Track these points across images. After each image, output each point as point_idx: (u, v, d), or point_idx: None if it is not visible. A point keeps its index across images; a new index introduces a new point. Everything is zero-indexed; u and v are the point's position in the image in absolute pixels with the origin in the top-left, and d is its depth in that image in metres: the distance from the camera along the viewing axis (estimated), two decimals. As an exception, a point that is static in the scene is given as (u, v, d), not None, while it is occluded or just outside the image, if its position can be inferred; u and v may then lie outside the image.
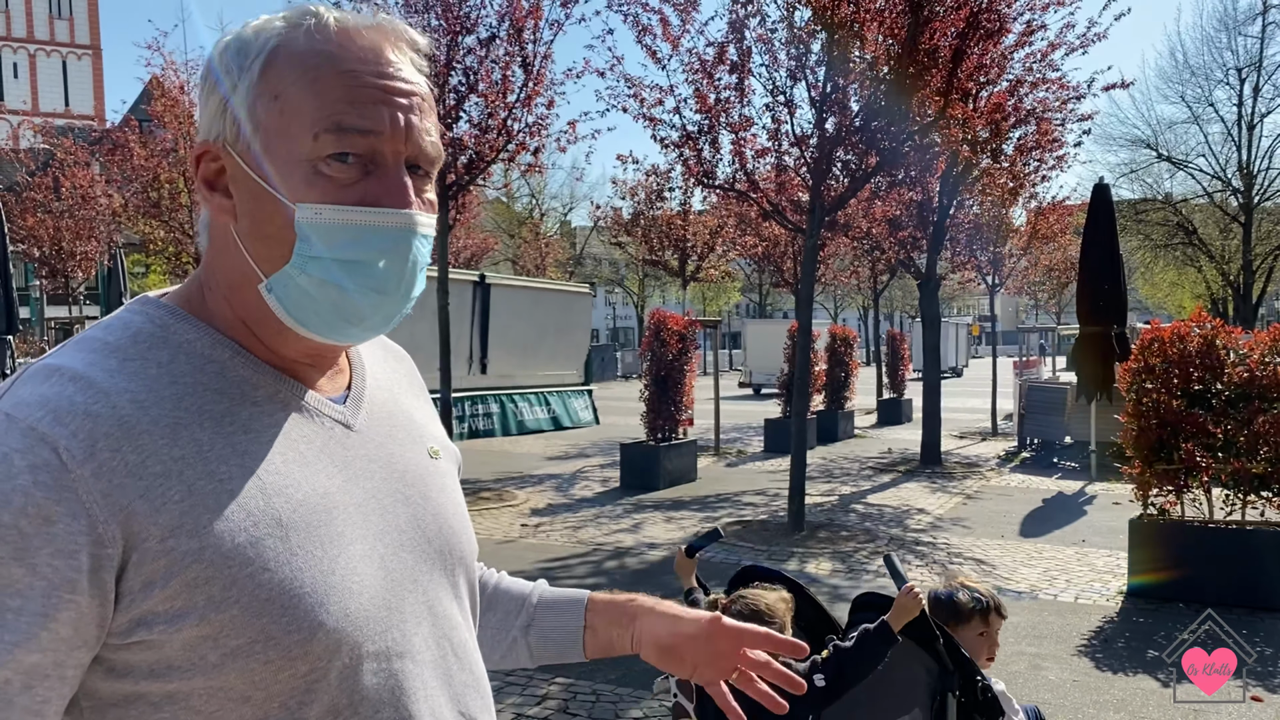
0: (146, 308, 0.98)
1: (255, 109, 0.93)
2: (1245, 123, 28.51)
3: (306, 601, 0.90)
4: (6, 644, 0.80)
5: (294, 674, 0.90)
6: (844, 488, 12.08)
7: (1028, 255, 18.17)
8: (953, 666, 2.63)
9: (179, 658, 0.86)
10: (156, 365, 0.92)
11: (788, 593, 2.74)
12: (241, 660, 0.87)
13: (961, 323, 53.19)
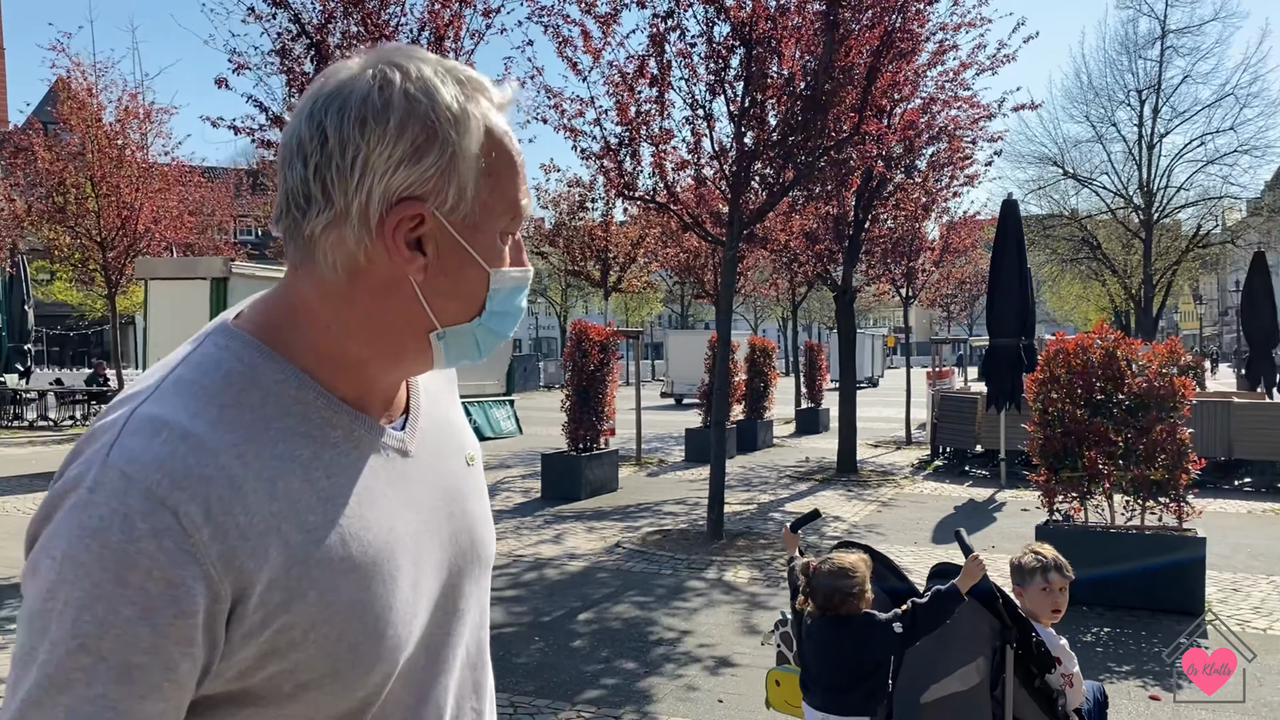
0: (232, 344, 1.01)
1: (478, 185, 0.99)
2: (1145, 142, 29.68)
3: (371, 640, 0.98)
4: (136, 696, 0.85)
5: (352, 700, 0.98)
6: (763, 496, 12.23)
7: (940, 268, 18.62)
8: (1010, 623, 3.09)
9: (258, 689, 0.93)
10: (250, 410, 0.96)
11: (866, 554, 3.32)
12: (312, 692, 0.95)
13: (877, 334, 54.22)
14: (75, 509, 0.86)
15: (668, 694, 5.23)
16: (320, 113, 0.95)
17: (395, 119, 0.94)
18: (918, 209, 13.81)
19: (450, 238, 0.99)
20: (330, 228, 0.96)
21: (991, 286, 12.99)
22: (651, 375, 53.02)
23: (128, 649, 0.85)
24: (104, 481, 0.87)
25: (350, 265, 0.98)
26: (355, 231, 0.96)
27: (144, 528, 0.85)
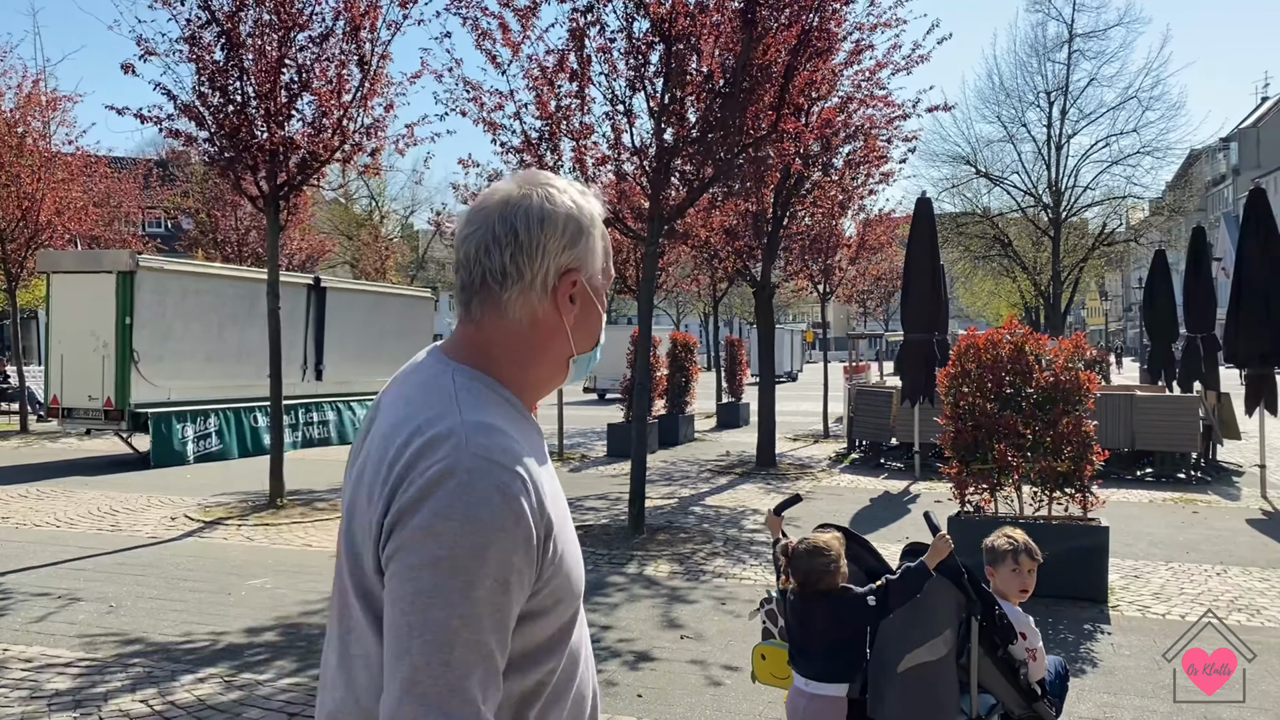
0: (459, 373, 1.43)
1: (603, 261, 1.50)
2: (1054, 143, 30.56)
3: (577, 575, 1.44)
4: (514, 605, 1.29)
5: (573, 611, 1.44)
6: (683, 490, 12.30)
7: (857, 265, 18.93)
8: (975, 597, 3.37)
9: (535, 606, 1.34)
10: (506, 418, 1.40)
11: (840, 534, 3.61)
12: (559, 607, 1.39)
13: (796, 329, 54.99)
14: (461, 488, 1.25)
15: (587, 690, 5.22)
16: (510, 218, 1.41)
17: (560, 220, 1.43)
18: (834, 206, 14.00)
19: (587, 295, 1.48)
20: (523, 293, 1.42)
21: (906, 282, 13.24)
22: (574, 370, 52.87)
23: (514, 573, 1.27)
24: (475, 467, 1.27)
25: (531, 317, 1.44)
26: (538, 294, 1.43)
27: (514, 490, 1.28)
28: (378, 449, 1.37)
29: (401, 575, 1.24)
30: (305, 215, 22.77)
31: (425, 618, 1.22)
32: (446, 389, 1.38)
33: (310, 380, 17.48)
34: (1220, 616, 6.57)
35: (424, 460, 1.28)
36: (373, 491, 1.33)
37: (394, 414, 1.39)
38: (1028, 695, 3.51)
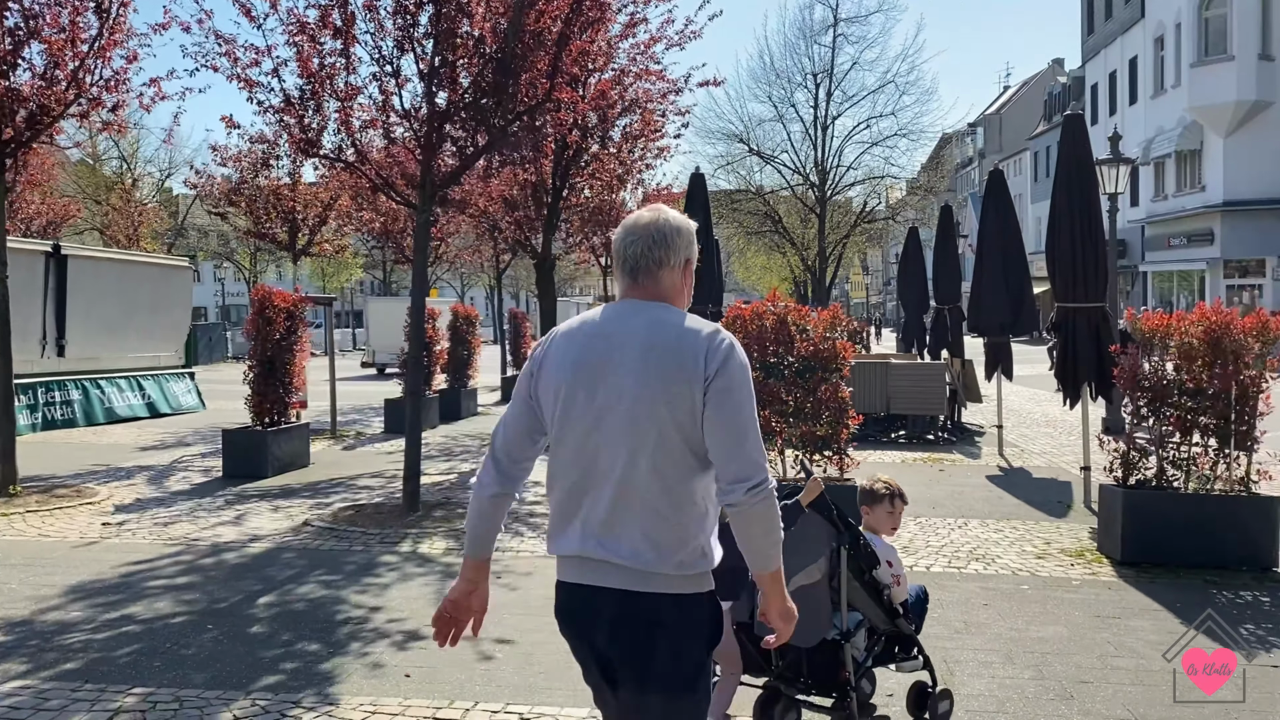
0: (667, 308, 2.45)
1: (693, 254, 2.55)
2: (820, 124, 32.07)
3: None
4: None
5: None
6: (464, 465, 12.11)
7: (637, 237, 19.18)
8: (844, 529, 3.89)
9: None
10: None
11: None
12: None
13: (583, 302, 55.30)
14: (737, 346, 2.37)
15: (353, 673, 5.03)
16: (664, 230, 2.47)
17: (686, 232, 2.50)
18: (613, 179, 14.09)
19: (690, 272, 2.51)
20: (670, 269, 2.47)
21: (682, 255, 13.51)
22: (353, 344, 51.20)
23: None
24: (734, 342, 2.38)
25: (671, 284, 2.48)
26: (678, 270, 2.49)
27: (742, 352, 2.36)
28: (661, 354, 2.34)
29: (729, 400, 2.31)
30: (44, 176, 20.74)
31: (748, 416, 2.34)
32: (686, 317, 2.44)
33: (50, 356, 16.01)
34: (960, 565, 7.10)
35: (719, 347, 2.35)
36: (676, 373, 2.32)
37: (654, 338, 2.37)
38: (890, 613, 4.15)
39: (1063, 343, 9.76)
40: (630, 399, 2.32)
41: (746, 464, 2.27)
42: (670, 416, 2.30)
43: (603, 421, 2.35)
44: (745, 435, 2.29)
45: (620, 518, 2.34)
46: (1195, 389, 7.15)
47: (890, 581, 4.12)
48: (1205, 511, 7.16)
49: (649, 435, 2.31)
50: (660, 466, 2.31)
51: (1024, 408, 18.17)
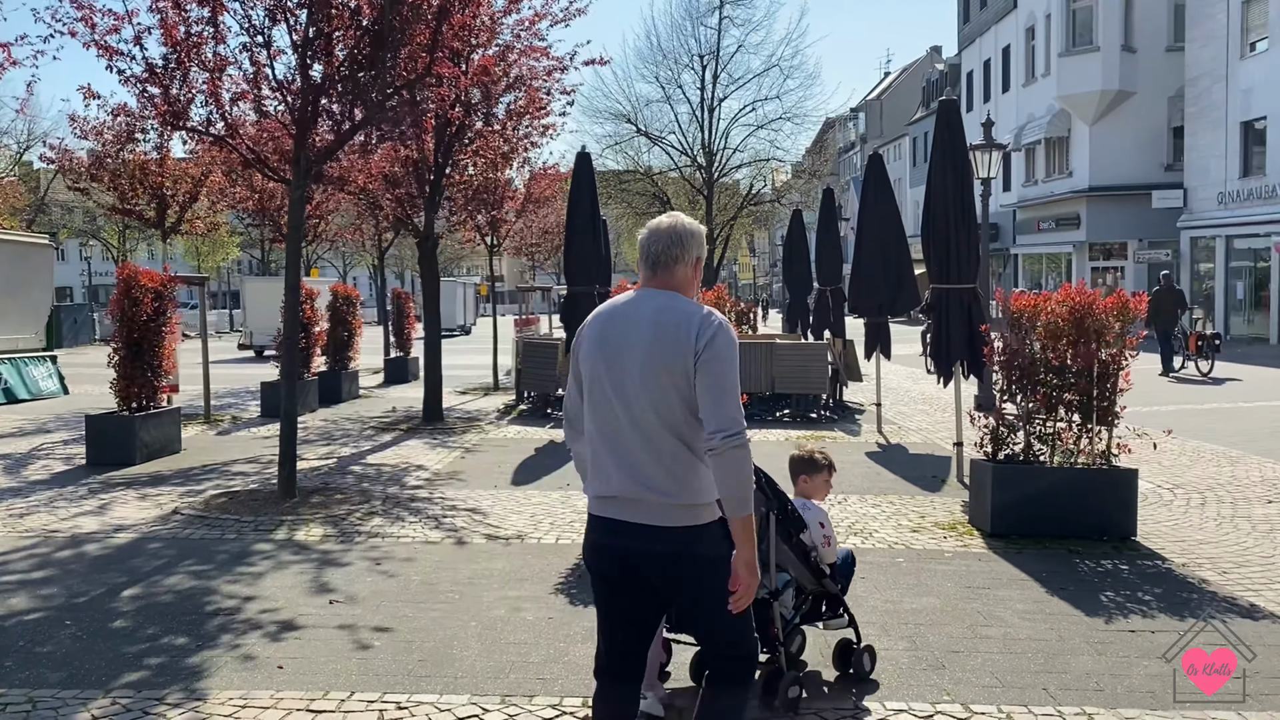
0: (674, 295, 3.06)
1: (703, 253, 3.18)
2: (707, 106, 32.25)
3: None
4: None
5: None
6: (344, 449, 11.81)
7: (523, 218, 18.98)
8: (773, 496, 4.14)
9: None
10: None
11: None
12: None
13: (470, 282, 54.61)
14: (726, 326, 2.96)
15: (222, 666, 4.85)
16: (680, 233, 3.09)
17: (698, 234, 3.14)
18: (498, 157, 13.88)
19: (700, 267, 3.16)
20: (684, 264, 3.10)
21: (568, 236, 13.43)
22: (230, 326, 49.46)
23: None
24: (726, 324, 2.96)
25: (684, 276, 3.10)
26: (690, 265, 3.11)
27: (733, 331, 2.96)
28: (664, 332, 2.94)
29: (713, 368, 2.87)
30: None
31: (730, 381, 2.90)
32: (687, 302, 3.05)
33: (-107, 340, 14.97)
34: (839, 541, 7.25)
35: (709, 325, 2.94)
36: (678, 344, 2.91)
37: (660, 319, 2.97)
38: (817, 574, 4.46)
39: (936, 323, 10.04)
40: (641, 367, 2.97)
41: (725, 419, 2.86)
42: (670, 381, 2.94)
43: (622, 386, 3.00)
44: (726, 396, 2.88)
45: (642, 460, 2.97)
46: (1060, 366, 7.44)
47: (820, 543, 4.49)
48: (1069, 484, 7.47)
49: (656, 395, 2.95)
50: (666, 420, 2.95)
51: (902, 386, 18.70)
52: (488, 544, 7.23)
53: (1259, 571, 6.47)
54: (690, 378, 2.90)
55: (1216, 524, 7.81)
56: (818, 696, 4.50)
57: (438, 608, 5.75)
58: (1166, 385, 18.23)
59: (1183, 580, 6.30)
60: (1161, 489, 9.05)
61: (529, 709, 4.34)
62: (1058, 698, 4.46)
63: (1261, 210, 28.04)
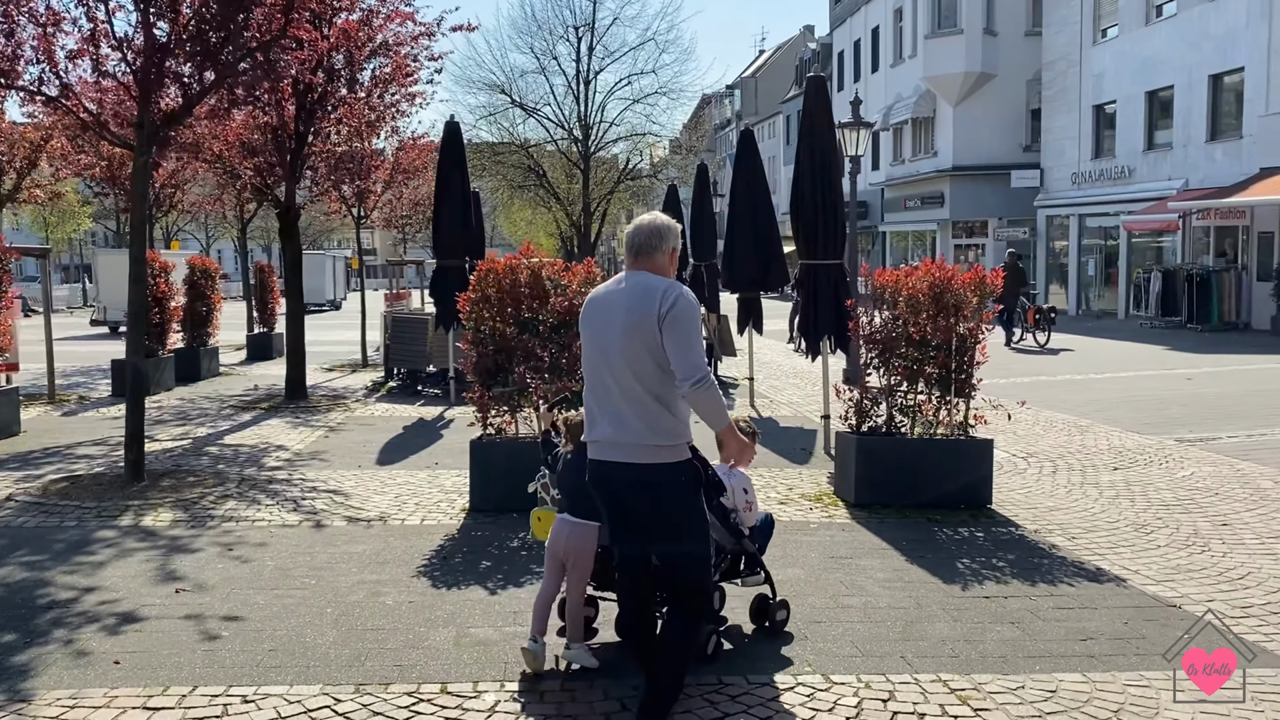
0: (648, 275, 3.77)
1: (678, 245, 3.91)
2: (583, 78, 31.98)
3: None
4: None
5: None
6: (200, 429, 11.29)
7: (392, 189, 18.45)
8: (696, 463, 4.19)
9: None
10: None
11: None
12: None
13: (341, 255, 53.06)
14: (686, 294, 3.67)
15: (52, 664, 4.52)
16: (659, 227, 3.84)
17: (674, 229, 3.86)
18: (363, 125, 13.41)
19: (675, 256, 3.87)
20: (661, 253, 3.83)
21: (437, 208, 13.10)
22: (83, 301, 46.91)
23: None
24: (686, 293, 3.68)
25: (661, 262, 3.83)
26: (666, 253, 3.85)
27: (693, 298, 3.70)
28: (636, 302, 3.64)
29: (677, 328, 3.55)
30: None
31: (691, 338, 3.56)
32: (657, 279, 3.72)
33: None
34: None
35: (655, 289, 3.64)
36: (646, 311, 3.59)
37: (633, 293, 3.68)
38: (736, 534, 4.74)
39: (805, 298, 10.17)
40: (621, 334, 3.66)
41: (689, 367, 3.58)
42: (643, 343, 3.62)
43: (607, 351, 3.72)
44: (689, 349, 3.59)
45: (625, 410, 3.67)
46: (921, 340, 7.61)
47: (742, 507, 4.82)
48: (929, 455, 7.67)
49: (632, 356, 3.64)
50: (641, 376, 3.64)
51: (775, 360, 18.99)
52: (348, 526, 6.99)
53: (1104, 536, 6.77)
54: (658, 338, 3.59)
55: (1067, 491, 8.15)
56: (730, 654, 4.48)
57: (292, 594, 5.52)
58: (1021, 358, 19.02)
59: (1034, 546, 6.54)
60: (1016, 458, 9.40)
61: (384, 697, 4.19)
62: (915, 665, 4.55)
63: (1111, 190, 29.48)
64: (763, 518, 5.16)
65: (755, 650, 4.73)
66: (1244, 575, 5.87)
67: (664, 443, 3.67)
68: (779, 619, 4.97)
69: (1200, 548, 6.45)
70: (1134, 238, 29.01)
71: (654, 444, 3.65)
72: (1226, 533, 6.80)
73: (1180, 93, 26.58)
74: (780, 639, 4.88)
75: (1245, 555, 6.28)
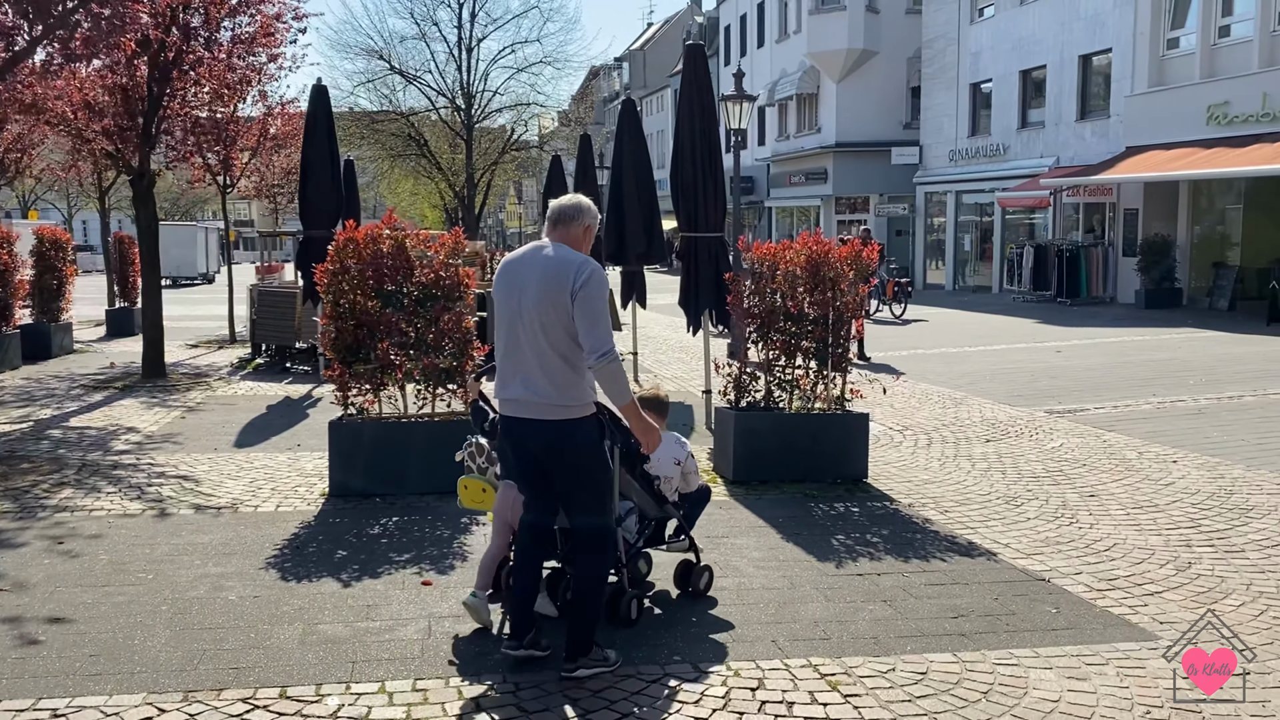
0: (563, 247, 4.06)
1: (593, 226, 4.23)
2: (465, 45, 31.17)
3: None
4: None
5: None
6: (44, 411, 10.50)
7: (261, 157, 17.59)
8: (615, 431, 4.29)
9: None
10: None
11: None
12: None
13: (215, 226, 50.89)
14: (599, 272, 3.94)
15: None
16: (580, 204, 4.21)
17: (591, 209, 4.22)
18: (223, 88, 12.65)
19: (589, 234, 4.21)
20: (577, 225, 4.17)
21: (304, 176, 12.48)
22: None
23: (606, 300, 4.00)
24: (599, 270, 3.94)
25: (575, 235, 4.16)
26: (581, 228, 4.18)
27: (604, 276, 3.94)
28: (551, 273, 3.93)
29: (586, 304, 3.86)
30: None
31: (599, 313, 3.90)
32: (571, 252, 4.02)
33: None
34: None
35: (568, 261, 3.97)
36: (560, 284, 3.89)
37: (549, 264, 3.97)
38: (659, 501, 4.86)
39: (685, 272, 9.99)
40: (534, 299, 3.91)
41: (596, 342, 3.85)
42: (554, 311, 3.87)
43: (520, 314, 3.95)
44: (596, 324, 3.85)
45: (535, 372, 3.94)
46: (798, 314, 7.50)
47: (669, 474, 4.94)
48: (807, 429, 7.59)
49: (544, 321, 3.89)
50: (551, 340, 3.90)
51: (661, 334, 18.87)
52: (195, 515, 6.51)
53: (977, 509, 6.78)
54: (569, 309, 3.86)
55: (941, 464, 8.19)
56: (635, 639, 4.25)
57: (125, 591, 5.07)
58: (900, 330, 19.32)
59: (908, 520, 6.51)
60: (892, 430, 9.43)
61: (215, 705, 3.82)
62: (785, 650, 4.40)
63: (987, 168, 30.24)
64: (701, 490, 5.32)
65: (629, 637, 4.52)
66: (1110, 547, 5.93)
67: (570, 402, 3.94)
68: (700, 584, 5.09)
69: (1068, 520, 6.52)
70: (1008, 214, 29.84)
71: (561, 403, 3.93)
72: (1094, 504, 6.90)
73: (1052, 72, 27.35)
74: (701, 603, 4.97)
75: (1111, 526, 6.36)
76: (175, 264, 41.52)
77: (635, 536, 4.92)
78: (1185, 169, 20.91)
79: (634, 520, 4.91)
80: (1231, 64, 21.33)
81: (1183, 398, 10.94)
